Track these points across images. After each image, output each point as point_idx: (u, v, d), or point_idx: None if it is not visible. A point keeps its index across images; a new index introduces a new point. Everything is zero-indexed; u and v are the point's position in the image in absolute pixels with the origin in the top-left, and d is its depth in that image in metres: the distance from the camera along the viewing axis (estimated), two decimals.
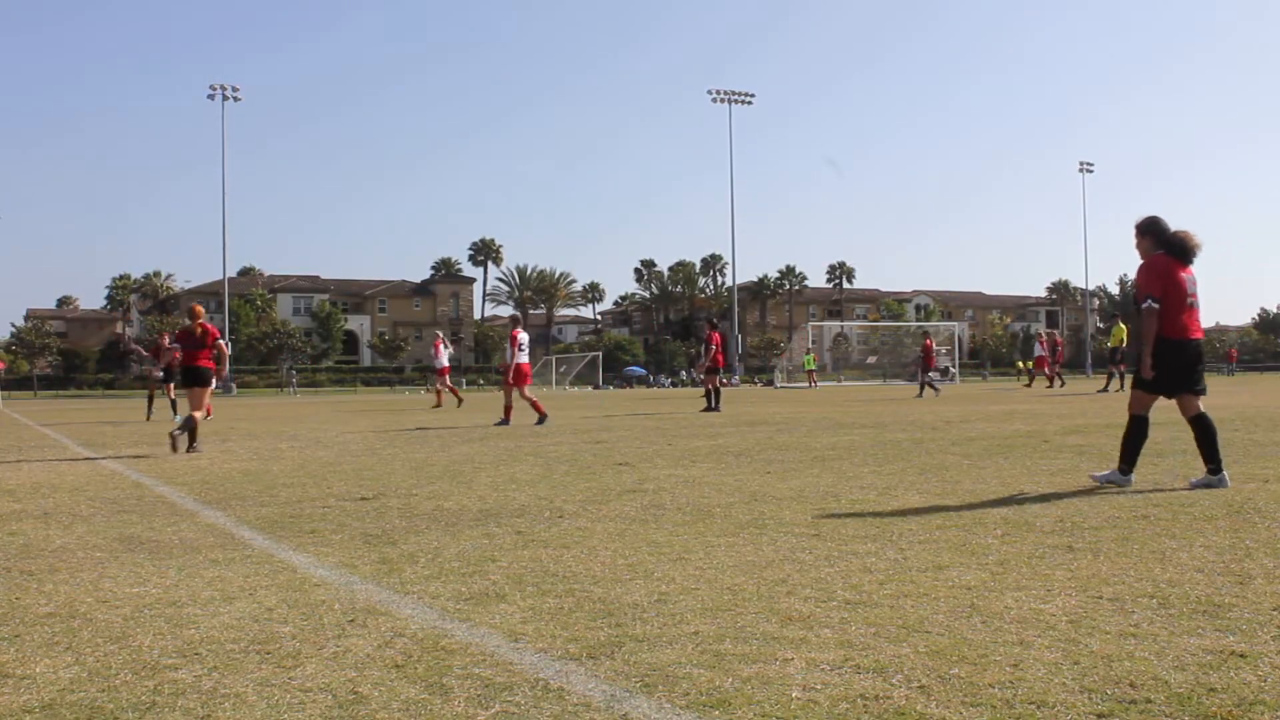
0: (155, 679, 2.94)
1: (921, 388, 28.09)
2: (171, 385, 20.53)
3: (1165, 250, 6.61)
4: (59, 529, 5.85)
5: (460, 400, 25.72)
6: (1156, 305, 6.50)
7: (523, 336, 16.20)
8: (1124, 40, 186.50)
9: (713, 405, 19.52)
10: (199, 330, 12.03)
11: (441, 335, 26.82)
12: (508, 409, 16.14)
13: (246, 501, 6.92)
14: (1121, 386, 26.72)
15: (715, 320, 22.71)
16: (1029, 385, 34.08)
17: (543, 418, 15.74)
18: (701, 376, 21.97)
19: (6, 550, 5.15)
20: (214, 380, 12.17)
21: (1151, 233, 6.69)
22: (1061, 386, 31.94)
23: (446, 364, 25.17)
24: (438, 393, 25.70)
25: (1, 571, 4.60)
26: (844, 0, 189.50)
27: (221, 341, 12.26)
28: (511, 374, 16.14)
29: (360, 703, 2.70)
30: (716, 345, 20.30)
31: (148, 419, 20.45)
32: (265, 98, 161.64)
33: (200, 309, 12.72)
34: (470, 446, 11.53)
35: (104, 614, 3.73)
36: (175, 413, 20.13)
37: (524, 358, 16.12)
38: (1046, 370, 33.79)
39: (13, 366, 76.49)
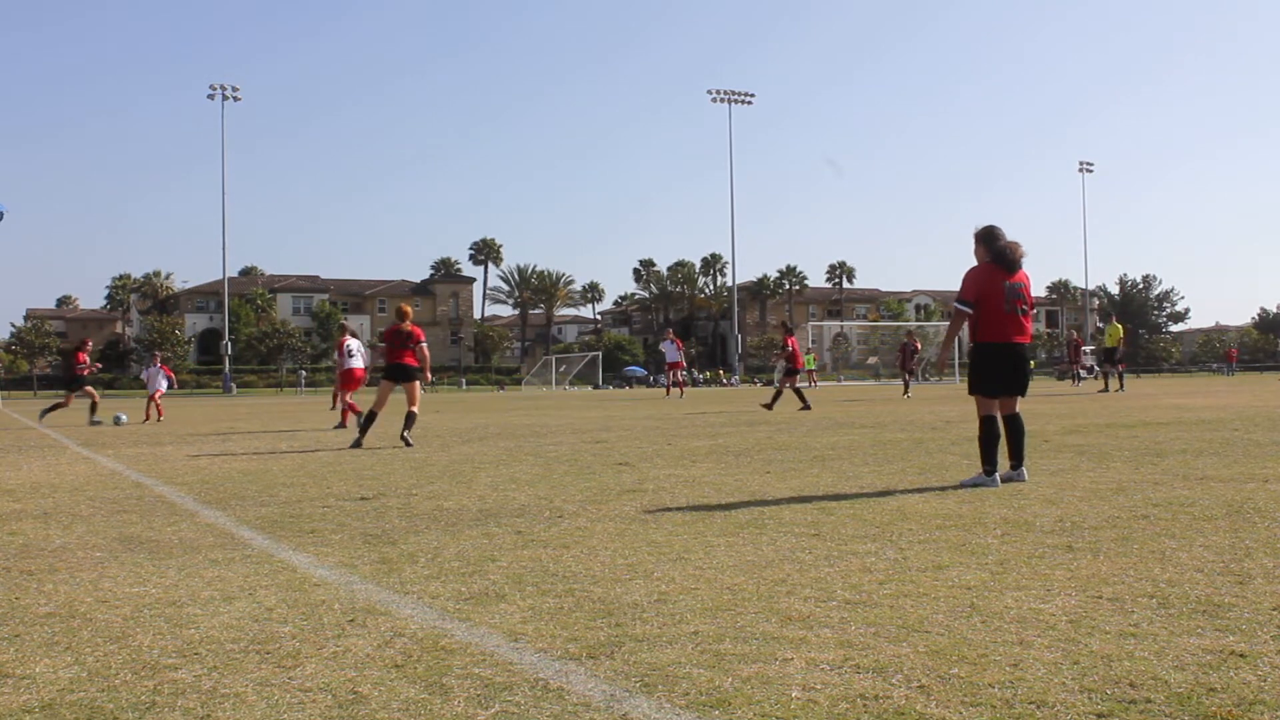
0: (155, 679, 2.94)
1: (906, 386, 28.35)
2: (71, 394, 20.26)
3: (993, 259, 7.03)
4: (59, 529, 5.84)
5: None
6: (965, 309, 7.05)
7: (351, 343, 16.69)
8: (1124, 40, 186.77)
9: (805, 404, 20.17)
10: (407, 330, 12.52)
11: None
12: (368, 412, 16.40)
13: (246, 501, 6.92)
14: (1121, 386, 26.80)
15: (791, 326, 23.67)
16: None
17: (341, 425, 16.09)
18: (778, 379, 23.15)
19: (6, 550, 5.15)
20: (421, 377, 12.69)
21: (985, 242, 7.12)
22: (1076, 384, 32.01)
23: None
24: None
25: (1, 571, 4.60)
26: (844, 0, 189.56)
27: (424, 345, 12.65)
28: (340, 378, 16.60)
29: (360, 703, 2.70)
30: (795, 349, 21.31)
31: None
32: (265, 98, 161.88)
33: (409, 309, 13.10)
34: (469, 447, 11.53)
35: (104, 614, 3.73)
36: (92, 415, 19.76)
37: (354, 363, 16.58)
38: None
39: (12, 366, 76.49)
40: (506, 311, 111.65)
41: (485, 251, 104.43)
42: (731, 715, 2.55)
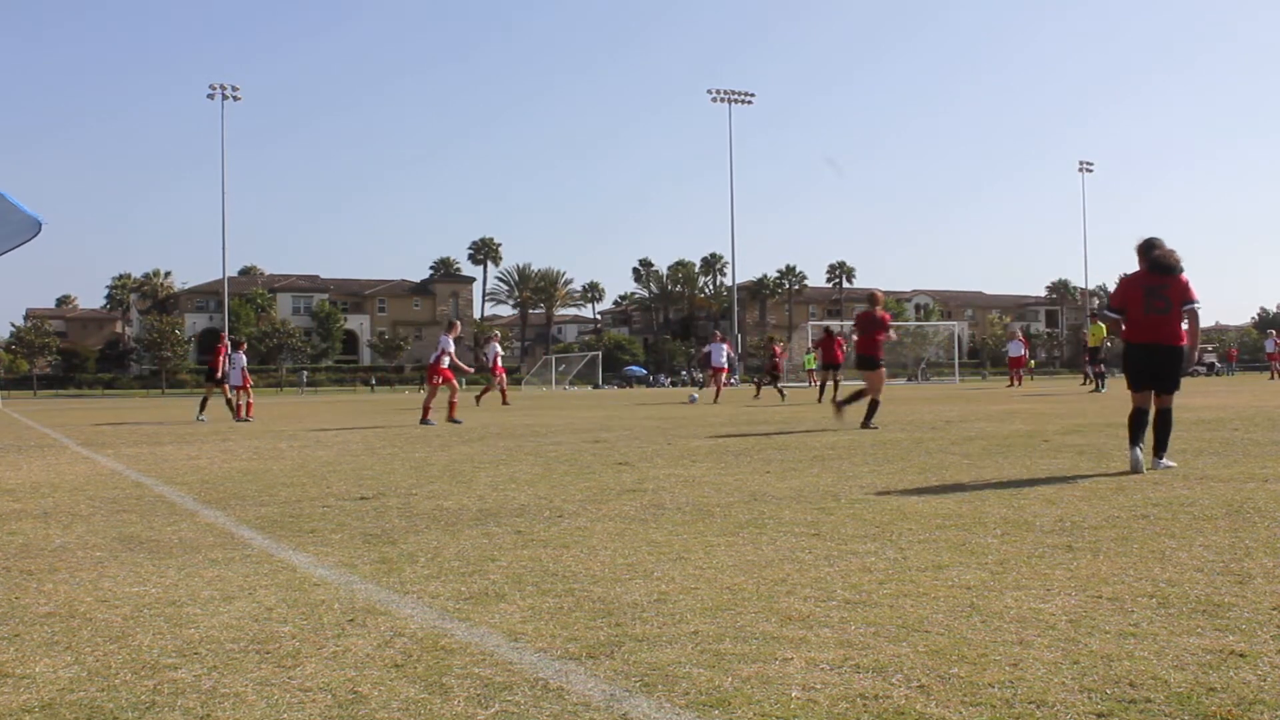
0: (155, 679, 2.94)
1: (781, 391, 26.10)
2: (226, 385, 20.21)
3: (1146, 267, 7.59)
4: (59, 529, 5.85)
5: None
6: (1111, 315, 7.83)
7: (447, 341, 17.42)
8: (1124, 40, 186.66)
9: (839, 397, 21.42)
10: (878, 316, 13.04)
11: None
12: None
13: (246, 501, 6.92)
14: (1099, 386, 25.82)
15: (832, 330, 24.68)
16: (1011, 385, 33.09)
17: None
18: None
19: (6, 550, 5.15)
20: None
21: (1142, 253, 7.68)
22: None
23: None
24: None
25: (1, 571, 4.60)
26: (844, 0, 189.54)
27: (891, 332, 13.21)
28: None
29: (360, 702, 2.70)
30: (838, 346, 22.76)
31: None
32: (265, 98, 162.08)
33: (880, 295, 13.57)
34: (470, 447, 11.53)
35: (104, 614, 3.73)
36: (201, 412, 20.15)
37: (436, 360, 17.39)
38: (1021, 370, 33.56)
39: (12, 366, 76.49)
40: (506, 311, 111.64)
41: (484, 251, 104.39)
42: (731, 715, 2.55)
